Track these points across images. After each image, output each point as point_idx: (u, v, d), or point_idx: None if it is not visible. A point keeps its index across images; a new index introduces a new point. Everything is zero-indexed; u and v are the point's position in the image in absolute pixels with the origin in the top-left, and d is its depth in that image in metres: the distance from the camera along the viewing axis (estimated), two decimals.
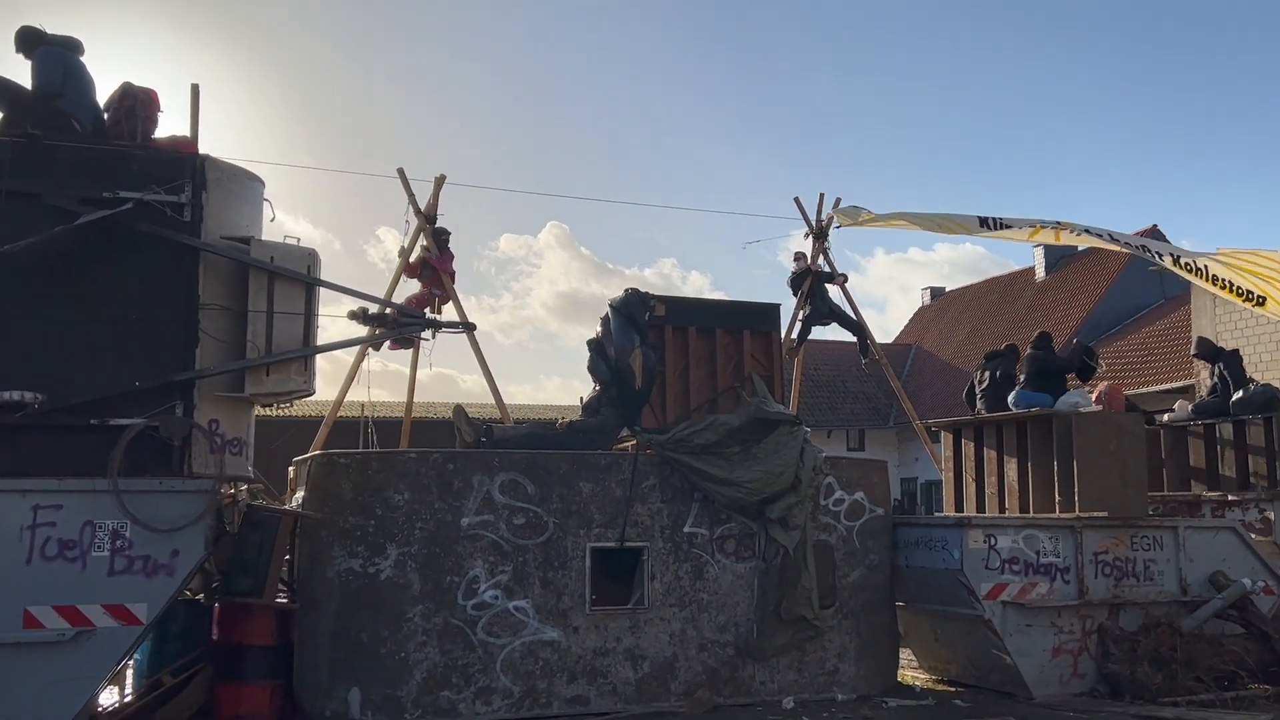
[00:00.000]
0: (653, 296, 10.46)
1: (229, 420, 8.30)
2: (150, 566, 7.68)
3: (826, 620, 9.90)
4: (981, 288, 40.84)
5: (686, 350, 10.60)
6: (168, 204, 8.00)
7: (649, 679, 9.40)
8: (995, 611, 9.90)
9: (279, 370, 8.23)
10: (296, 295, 8.34)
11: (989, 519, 10.33)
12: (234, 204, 8.42)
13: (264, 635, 8.75)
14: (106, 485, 7.53)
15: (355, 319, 8.71)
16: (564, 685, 9.11)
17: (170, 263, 8.04)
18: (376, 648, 8.63)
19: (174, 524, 7.69)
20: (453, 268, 13.30)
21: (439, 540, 8.88)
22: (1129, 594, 10.34)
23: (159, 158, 8.16)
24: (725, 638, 9.71)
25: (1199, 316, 17.49)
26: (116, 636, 7.57)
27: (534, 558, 9.14)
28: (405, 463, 9.02)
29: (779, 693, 9.82)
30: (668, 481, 9.71)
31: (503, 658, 8.92)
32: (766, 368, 10.81)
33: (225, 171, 8.41)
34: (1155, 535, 10.55)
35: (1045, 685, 10.00)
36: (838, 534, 10.25)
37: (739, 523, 9.85)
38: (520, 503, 9.16)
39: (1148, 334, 30.33)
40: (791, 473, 9.86)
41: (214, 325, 8.14)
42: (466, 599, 8.88)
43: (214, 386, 8.19)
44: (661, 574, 9.58)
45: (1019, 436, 11.04)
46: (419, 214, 13.05)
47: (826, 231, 14.48)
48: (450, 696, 8.74)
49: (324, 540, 8.86)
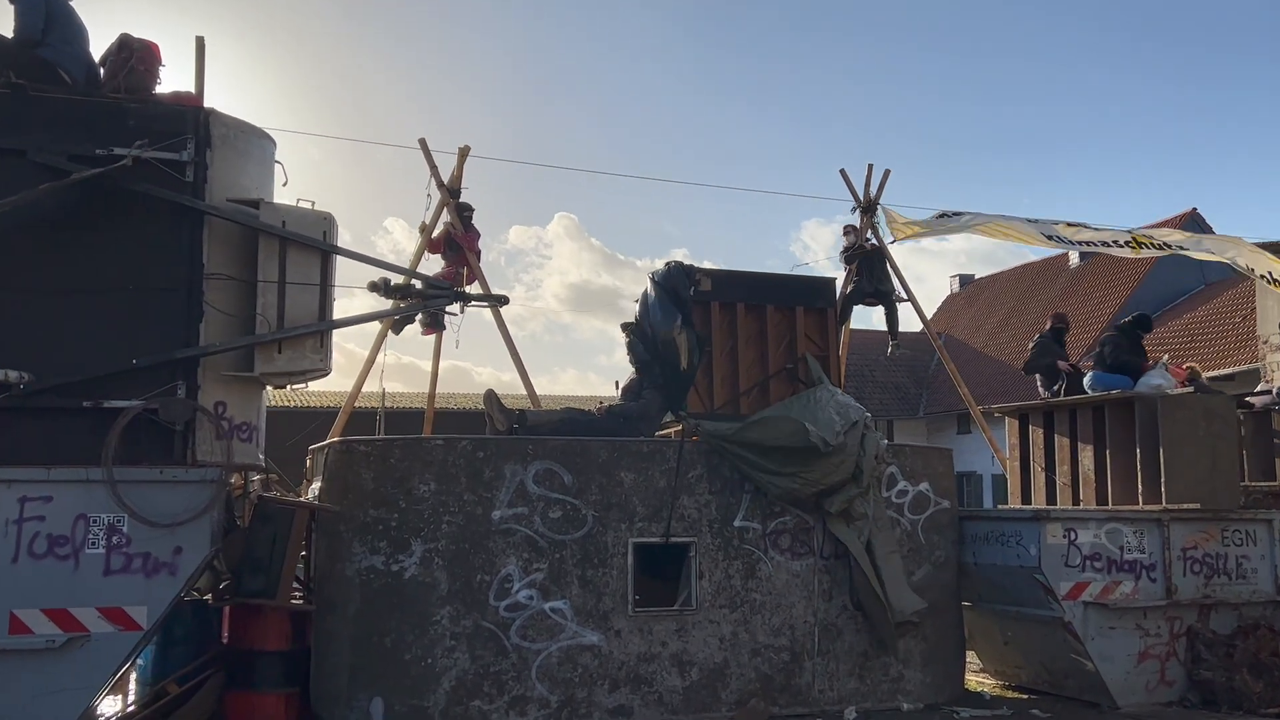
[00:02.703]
0: (698, 269, 9.62)
1: (237, 403, 7.58)
2: (150, 565, 7.00)
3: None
4: (1013, 274, 39.87)
5: (735, 328, 9.78)
6: (168, 162, 7.25)
7: (697, 687, 8.63)
8: (1075, 613, 9.04)
9: (292, 347, 7.48)
10: (311, 264, 7.58)
11: (1069, 512, 9.45)
12: (241, 163, 7.67)
13: (278, 639, 8.12)
14: (100, 475, 6.86)
15: (376, 290, 7.90)
16: (605, 694, 8.37)
17: (171, 227, 7.30)
18: (400, 653, 7.96)
19: (176, 518, 6.99)
20: (479, 245, 12.48)
21: (468, 535, 8.17)
22: (1220, 593, 9.47)
23: (158, 111, 7.39)
24: (780, 642, 8.90)
25: (1264, 297, 16.51)
26: (113, 643, 6.90)
27: (572, 554, 8.41)
28: (431, 450, 8.26)
29: (839, 702, 9.01)
30: (716, 471, 8.92)
31: (538, 664, 8.21)
32: (822, 348, 9.97)
33: (232, 127, 7.63)
34: (1248, 529, 9.67)
35: (1130, 693, 9.15)
36: (901, 529, 9.41)
37: (795, 516, 9.05)
38: (556, 494, 8.42)
39: (1189, 320, 29.37)
40: (852, 462, 9.02)
41: (220, 297, 7.42)
42: (499, 600, 8.18)
43: (220, 365, 7.48)
44: (710, 572, 8.79)
45: (1096, 422, 10.14)
46: (442, 187, 12.22)
47: (875, 206, 13.58)
48: (481, 707, 8.03)
49: (343, 536, 8.16)
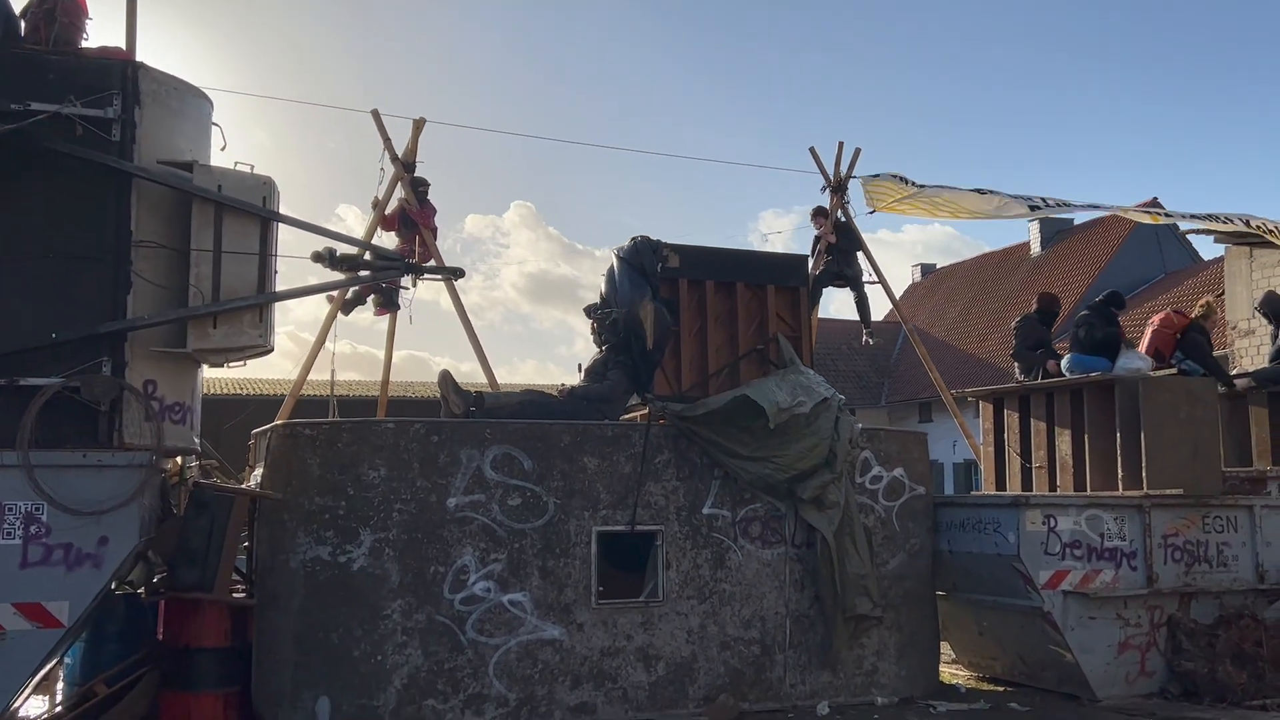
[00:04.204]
0: (665, 245, 9.17)
1: (168, 381, 7.02)
2: (72, 557, 6.45)
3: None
4: (975, 264, 39.88)
5: (704, 307, 9.35)
6: (93, 120, 6.66)
7: (664, 682, 8.23)
8: (1055, 602, 8.72)
9: (228, 321, 6.93)
10: (249, 232, 7.03)
11: (1048, 498, 9.13)
12: (174, 123, 7.09)
13: (216, 636, 7.59)
14: (15, 459, 6.28)
15: (321, 261, 7.36)
16: (567, 691, 7.94)
17: (95, 190, 6.71)
18: (348, 650, 7.48)
19: (101, 505, 6.44)
20: (434, 222, 11.95)
21: (421, 524, 7.70)
22: (1201, 582, 9.20)
23: (82, 65, 6.79)
24: (751, 634, 8.51)
25: (1233, 282, 16.34)
26: (31, 641, 6.37)
27: (532, 544, 7.97)
28: (381, 434, 7.76)
29: (811, 696, 8.64)
30: (684, 456, 8.50)
31: (496, 660, 7.76)
32: (794, 328, 9.57)
33: (164, 84, 7.05)
34: (1229, 516, 9.40)
35: (1109, 685, 8.86)
36: (875, 515, 9.04)
37: (765, 503, 8.65)
38: (516, 480, 7.96)
39: (1150, 309, 29.44)
40: (826, 446, 8.64)
41: (149, 267, 6.83)
42: (454, 592, 7.72)
43: (149, 340, 6.89)
44: (678, 562, 8.38)
45: (1074, 405, 9.84)
46: (396, 161, 11.69)
47: (845, 186, 13.17)
48: (435, 706, 7.58)
49: (286, 525, 7.65)
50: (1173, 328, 11.08)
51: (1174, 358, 10.89)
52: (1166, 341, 11.03)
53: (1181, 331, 10.99)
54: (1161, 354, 10.92)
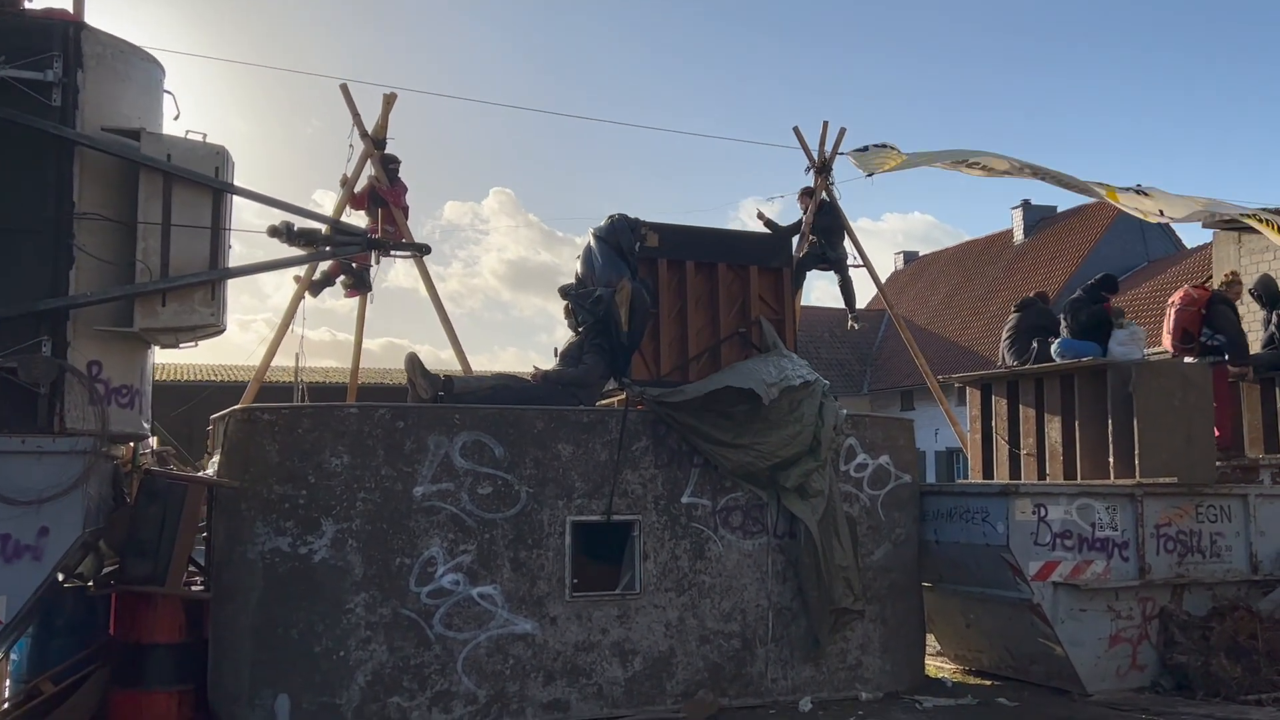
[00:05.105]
0: (643, 223, 8.81)
1: (115, 363, 6.66)
2: (10, 549, 6.12)
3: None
4: (957, 251, 39.79)
5: (684, 289, 9.00)
6: (30, 83, 6.26)
7: (641, 678, 7.92)
8: (1045, 594, 8.45)
9: (178, 299, 6.57)
10: (201, 204, 6.66)
11: (1038, 487, 8.85)
12: (121, 88, 6.70)
13: (169, 631, 7.25)
14: None
15: (278, 236, 6.96)
16: (539, 688, 7.63)
17: (34, 159, 6.34)
18: (309, 645, 7.16)
19: (41, 494, 6.12)
20: (405, 201, 11.55)
21: (386, 514, 7.37)
22: (1194, 573, 8.94)
23: (18, 24, 6.40)
24: (731, 627, 8.20)
25: (1221, 267, 16.14)
26: None
27: (503, 535, 7.64)
28: (344, 420, 7.40)
29: (794, 691, 8.34)
30: (663, 443, 8.17)
31: (465, 655, 7.45)
32: (777, 310, 9.23)
33: (110, 46, 6.65)
34: (1223, 505, 9.15)
35: (1100, 679, 8.60)
36: (860, 504, 8.74)
37: (747, 492, 8.34)
38: (486, 468, 7.63)
39: (1134, 296, 29.33)
40: (810, 433, 8.33)
41: (93, 240, 6.47)
42: (420, 585, 7.40)
43: (94, 319, 6.54)
44: (656, 553, 8.06)
45: (1064, 391, 9.55)
46: (365, 137, 11.30)
47: (830, 166, 12.85)
48: (401, 703, 7.25)
49: (244, 515, 7.29)
50: (1196, 304, 10.48)
51: (1203, 334, 10.39)
52: (1193, 319, 10.44)
53: (1206, 305, 10.41)
54: (1190, 333, 10.40)
